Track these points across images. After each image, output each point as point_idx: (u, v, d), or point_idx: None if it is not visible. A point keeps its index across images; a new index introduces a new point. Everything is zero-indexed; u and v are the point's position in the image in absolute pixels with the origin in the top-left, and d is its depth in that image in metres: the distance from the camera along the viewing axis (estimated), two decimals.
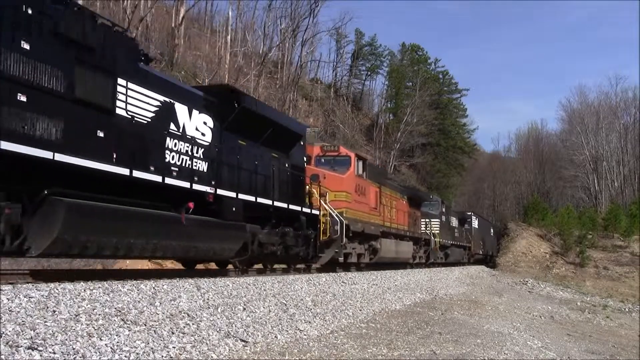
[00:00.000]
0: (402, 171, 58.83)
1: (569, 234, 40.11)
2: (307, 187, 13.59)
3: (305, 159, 13.42)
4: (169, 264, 15.31)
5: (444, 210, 29.64)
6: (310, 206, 13.16)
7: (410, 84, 64.28)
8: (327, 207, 14.04)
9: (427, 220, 26.57)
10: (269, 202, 10.99)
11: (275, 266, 13.15)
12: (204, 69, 34.06)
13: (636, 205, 45.44)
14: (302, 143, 13.10)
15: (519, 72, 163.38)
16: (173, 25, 32.40)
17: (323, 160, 16.15)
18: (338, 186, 15.32)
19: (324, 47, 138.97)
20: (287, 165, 12.25)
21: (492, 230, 48.86)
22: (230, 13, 40.16)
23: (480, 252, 41.54)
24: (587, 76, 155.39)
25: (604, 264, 37.70)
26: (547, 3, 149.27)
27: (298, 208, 12.26)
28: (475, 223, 39.70)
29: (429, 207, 28.03)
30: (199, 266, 14.61)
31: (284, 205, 11.49)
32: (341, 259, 15.23)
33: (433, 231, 26.86)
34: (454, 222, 33.31)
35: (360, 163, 17.12)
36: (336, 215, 14.15)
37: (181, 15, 32.15)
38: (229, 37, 38.59)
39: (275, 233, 11.47)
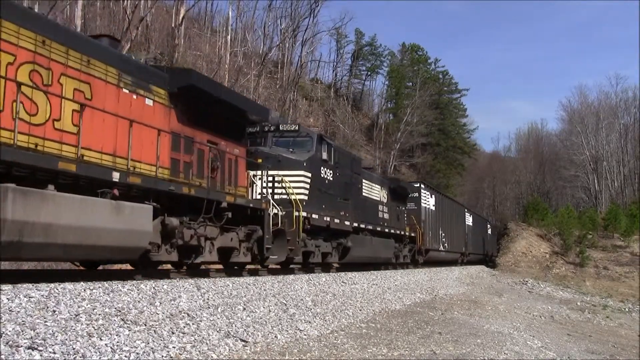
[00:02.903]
0: (402, 171, 58.83)
1: (569, 234, 40.14)
2: None
3: None
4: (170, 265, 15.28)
5: (324, 156, 14.64)
6: None
7: (410, 84, 64.35)
8: None
9: (277, 172, 12.82)
10: None
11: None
12: (204, 69, 34.06)
13: (636, 205, 45.50)
14: None
15: (519, 72, 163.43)
16: (173, 25, 32.38)
17: None
18: None
19: (324, 47, 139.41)
20: None
21: (468, 219, 36.00)
22: (230, 13, 40.21)
23: (442, 249, 27.97)
24: (587, 76, 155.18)
25: (604, 264, 37.72)
26: (547, 3, 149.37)
27: None
28: (428, 202, 26.00)
29: (288, 144, 14.07)
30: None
31: None
32: None
33: (293, 196, 12.90)
34: (376, 191, 19.16)
35: None
36: None
37: (181, 15, 32.13)
38: (229, 37, 38.61)
39: None
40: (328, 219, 14.51)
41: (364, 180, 18.12)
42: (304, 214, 12.99)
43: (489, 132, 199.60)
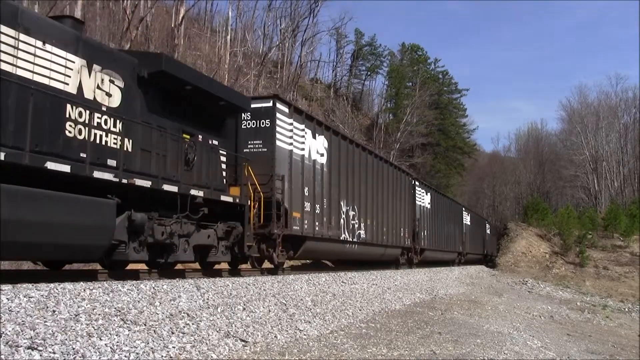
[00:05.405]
0: None
1: (569, 234, 40.13)
2: None
3: None
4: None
5: None
6: None
7: (410, 84, 64.35)
8: None
9: None
10: None
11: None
12: (203, 69, 34.05)
13: (636, 205, 45.49)
14: None
15: (520, 72, 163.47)
16: (173, 25, 32.37)
17: None
18: None
19: (324, 47, 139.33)
20: None
21: (422, 199, 24.32)
22: (230, 13, 40.20)
23: (350, 239, 15.79)
24: (587, 76, 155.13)
25: (604, 264, 37.71)
26: (547, 3, 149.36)
27: None
28: (302, 140, 13.17)
29: None
30: (195, 266, 14.59)
31: None
32: None
33: None
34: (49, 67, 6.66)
35: None
36: None
37: (181, 15, 32.12)
38: (228, 37, 38.60)
39: None
40: None
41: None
42: None
43: (489, 132, 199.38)
